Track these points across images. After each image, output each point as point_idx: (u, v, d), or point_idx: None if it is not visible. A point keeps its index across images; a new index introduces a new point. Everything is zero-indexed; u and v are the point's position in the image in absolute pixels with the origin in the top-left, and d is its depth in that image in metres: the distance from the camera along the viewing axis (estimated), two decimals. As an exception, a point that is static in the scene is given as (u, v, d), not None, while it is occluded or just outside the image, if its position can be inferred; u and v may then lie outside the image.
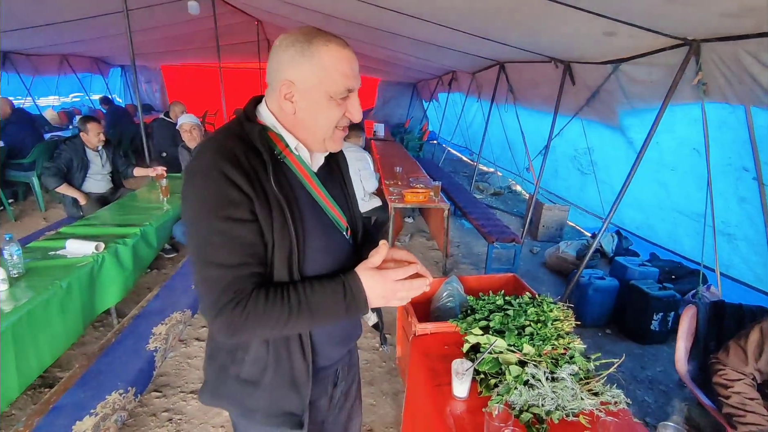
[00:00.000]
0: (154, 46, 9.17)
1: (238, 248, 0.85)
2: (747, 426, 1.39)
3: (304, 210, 0.95)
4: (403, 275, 0.90)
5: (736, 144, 2.80)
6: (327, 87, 0.90)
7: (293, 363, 0.98)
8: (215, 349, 1.04)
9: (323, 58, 0.88)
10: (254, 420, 1.03)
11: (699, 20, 2.34)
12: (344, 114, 0.95)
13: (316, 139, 0.97)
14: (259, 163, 0.88)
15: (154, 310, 2.54)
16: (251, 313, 0.84)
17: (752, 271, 3.10)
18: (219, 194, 0.83)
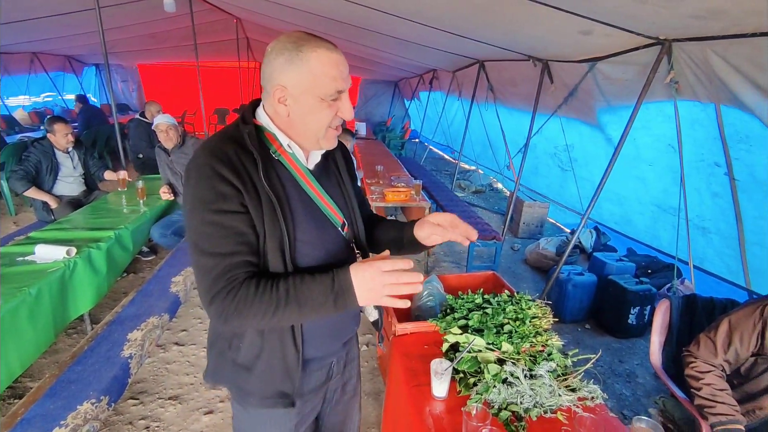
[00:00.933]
0: (129, 44, 8.95)
1: (229, 238, 0.91)
2: (717, 416, 1.42)
3: (295, 205, 1.01)
4: (391, 267, 0.89)
5: (707, 141, 2.87)
6: (317, 91, 0.95)
7: (285, 352, 1.03)
8: (215, 336, 1.11)
9: (312, 64, 0.93)
10: (249, 403, 1.10)
11: (670, 21, 2.38)
12: (336, 114, 0.99)
13: (311, 139, 1.02)
14: (250, 162, 0.94)
15: (130, 316, 2.47)
16: (241, 301, 0.89)
17: (725, 264, 3.19)
18: (210, 189, 0.90)
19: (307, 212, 1.03)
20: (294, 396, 1.07)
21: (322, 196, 1.07)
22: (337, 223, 1.10)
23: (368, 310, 1.36)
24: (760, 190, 2.60)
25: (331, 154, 1.17)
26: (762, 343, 1.44)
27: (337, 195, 1.13)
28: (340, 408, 1.32)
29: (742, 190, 2.74)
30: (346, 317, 1.19)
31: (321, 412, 1.30)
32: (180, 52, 9.97)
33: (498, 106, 6.12)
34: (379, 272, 0.88)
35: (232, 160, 0.92)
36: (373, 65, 9.48)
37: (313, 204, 1.06)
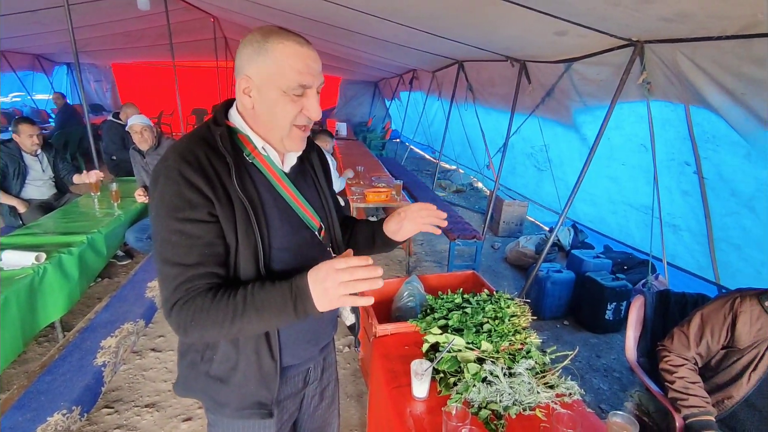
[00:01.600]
0: (102, 43, 8.71)
1: (194, 248, 0.88)
2: (689, 408, 1.46)
3: (270, 210, 0.98)
4: (345, 264, 0.83)
5: (677, 140, 2.95)
6: (280, 82, 0.91)
7: (261, 363, 1.00)
8: (186, 347, 1.06)
9: (276, 54, 0.90)
10: (224, 414, 1.06)
11: (641, 23, 2.44)
12: (301, 111, 0.95)
13: (275, 136, 0.98)
14: (222, 166, 0.91)
15: (103, 322, 2.40)
16: (197, 311, 0.86)
17: (695, 260, 3.28)
18: (178, 196, 0.86)
19: (283, 217, 1.00)
20: (271, 406, 1.04)
21: (298, 200, 1.05)
22: (314, 227, 1.08)
23: (345, 314, 1.35)
24: (727, 188, 2.69)
25: (307, 156, 1.15)
26: (731, 335, 1.48)
27: (314, 198, 1.11)
28: (318, 414, 1.31)
29: (710, 188, 2.83)
30: (324, 322, 1.16)
31: (299, 418, 1.28)
32: (156, 52, 9.76)
33: (477, 106, 6.18)
34: (333, 270, 0.83)
35: (202, 164, 0.89)
36: (352, 65, 9.46)
37: (289, 208, 1.03)
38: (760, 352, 1.41)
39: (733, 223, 2.75)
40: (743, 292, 1.52)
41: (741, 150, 2.50)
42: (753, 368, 1.42)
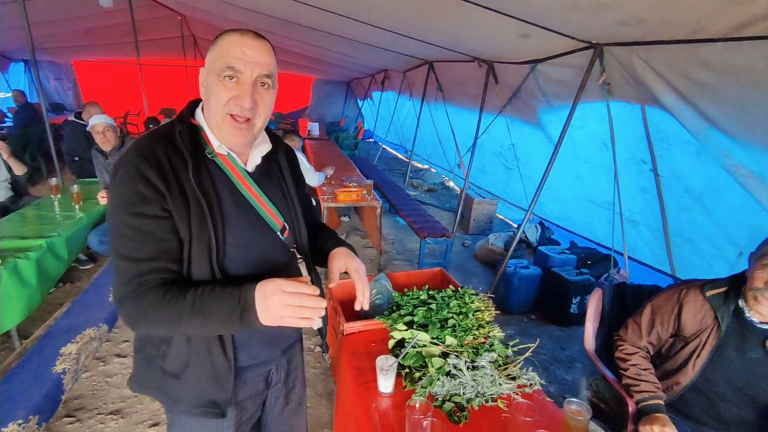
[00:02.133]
0: (63, 39, 8.38)
1: (146, 243, 0.89)
2: (641, 394, 1.54)
3: (228, 207, 0.98)
4: (294, 289, 0.84)
5: (635, 139, 3.08)
6: (214, 66, 0.94)
7: (214, 360, 1.00)
8: (142, 341, 1.06)
9: (221, 42, 0.95)
10: (178, 410, 1.06)
11: (600, 26, 2.53)
12: (232, 98, 0.94)
13: (214, 125, 0.99)
14: (180, 161, 0.93)
15: (64, 328, 2.33)
16: (147, 308, 0.88)
17: (653, 253, 3.43)
18: (132, 190, 0.88)
19: (241, 215, 1.01)
20: (225, 406, 1.03)
21: (260, 199, 1.05)
22: (276, 228, 1.08)
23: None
24: (680, 185, 2.82)
25: (274, 156, 1.15)
26: (678, 324, 1.57)
27: (278, 199, 1.11)
28: (284, 417, 1.31)
29: (665, 185, 2.97)
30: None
31: (263, 420, 1.28)
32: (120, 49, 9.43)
33: (447, 106, 6.26)
34: (280, 290, 0.84)
35: (159, 160, 0.90)
36: (325, 65, 9.43)
37: (251, 207, 1.03)
38: (702, 340, 1.50)
39: (686, 218, 2.89)
40: (688, 283, 1.61)
41: (692, 148, 2.63)
42: (697, 355, 1.50)
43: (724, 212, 2.58)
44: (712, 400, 1.50)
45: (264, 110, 0.99)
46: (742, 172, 2.23)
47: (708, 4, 1.78)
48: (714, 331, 1.48)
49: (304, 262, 1.21)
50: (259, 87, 0.97)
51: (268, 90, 0.98)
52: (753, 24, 1.75)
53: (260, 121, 1.00)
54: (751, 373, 1.44)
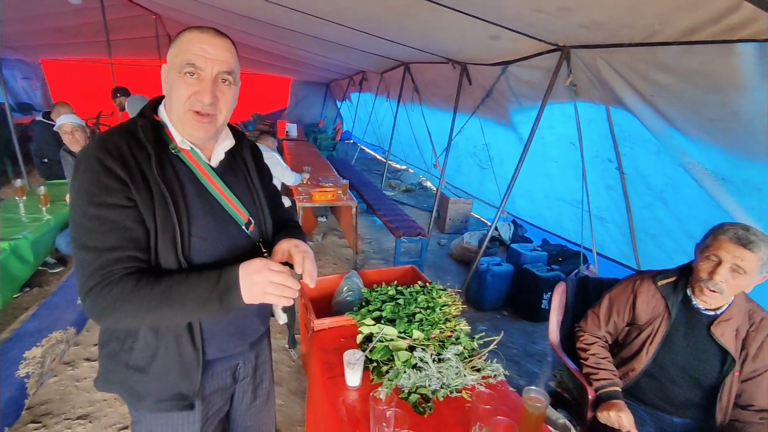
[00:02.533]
0: (31, 37, 8.12)
1: (111, 232, 0.89)
2: (599, 381, 1.60)
3: (192, 200, 1.00)
4: (278, 267, 0.91)
5: (601, 138, 3.18)
6: (176, 62, 0.96)
7: (182, 352, 1.00)
8: (107, 336, 1.05)
9: (182, 39, 0.97)
10: (144, 407, 1.05)
11: (564, 29, 2.61)
12: (193, 94, 0.96)
13: (176, 121, 1.00)
14: (143, 155, 0.94)
15: (29, 332, 2.27)
16: (117, 297, 0.87)
17: (620, 249, 3.55)
18: (94, 181, 0.88)
19: (206, 209, 1.02)
20: (192, 398, 1.04)
21: (224, 193, 1.07)
22: (241, 221, 1.10)
23: (278, 314, 1.36)
24: (643, 182, 2.93)
25: (239, 152, 1.17)
26: (633, 313, 1.64)
27: (243, 193, 1.13)
28: (253, 412, 1.32)
29: (629, 182, 3.08)
30: (249, 316, 1.17)
31: (232, 415, 1.29)
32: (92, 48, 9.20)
33: (423, 107, 6.33)
34: (266, 268, 0.89)
35: (122, 151, 0.91)
36: (302, 66, 9.39)
37: (215, 201, 1.05)
38: (654, 328, 1.57)
39: (649, 215, 3.00)
40: (642, 274, 1.69)
41: (653, 147, 2.74)
42: (650, 342, 1.57)
43: (683, 208, 2.70)
44: (663, 384, 1.58)
45: (225, 106, 1.01)
46: (698, 169, 2.33)
47: (660, 10, 1.86)
48: (665, 318, 1.56)
49: (269, 256, 1.22)
50: (220, 83, 0.99)
51: (229, 86, 1.00)
52: (701, 29, 1.84)
53: (222, 116, 1.02)
54: (697, 357, 1.52)
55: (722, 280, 1.38)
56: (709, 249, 1.42)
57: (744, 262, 1.34)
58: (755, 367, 1.47)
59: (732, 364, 1.47)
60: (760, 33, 1.71)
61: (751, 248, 1.32)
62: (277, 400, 2.48)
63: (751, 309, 1.49)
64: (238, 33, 6.56)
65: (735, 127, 2.06)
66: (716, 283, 1.39)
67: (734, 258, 1.35)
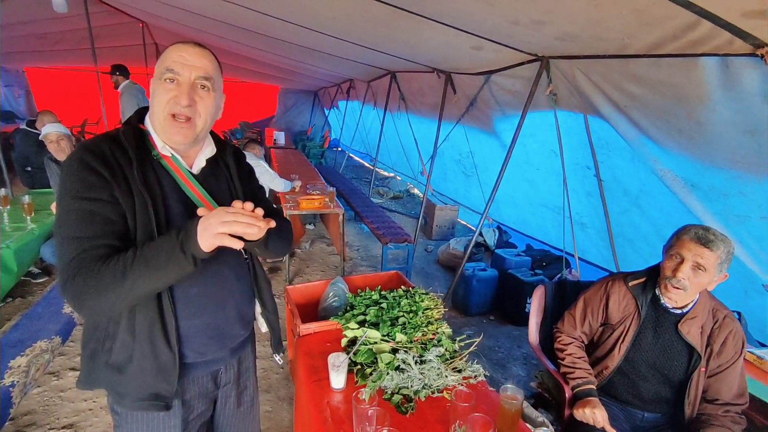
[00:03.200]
0: (13, 45, 8.05)
1: (92, 223, 0.92)
2: (575, 380, 1.67)
3: (173, 204, 1.04)
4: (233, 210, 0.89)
5: (580, 146, 3.29)
6: (157, 71, 1.03)
7: (158, 354, 1.02)
8: (88, 336, 1.08)
9: (165, 52, 1.04)
10: (125, 405, 1.08)
11: (542, 41, 2.71)
12: (172, 98, 1.01)
13: (157, 126, 1.04)
14: (125, 159, 0.98)
15: (12, 342, 2.26)
16: (88, 277, 0.88)
17: (600, 254, 3.65)
18: (78, 179, 0.92)
19: (186, 213, 1.05)
20: (170, 399, 1.06)
21: (204, 198, 1.10)
22: None
23: (260, 320, 1.39)
24: (620, 188, 3.04)
25: (222, 158, 1.20)
26: (606, 313, 1.71)
27: (224, 199, 1.15)
28: (237, 419, 1.34)
29: (607, 189, 3.18)
30: (230, 319, 1.18)
31: (216, 421, 1.31)
32: (77, 56, 9.14)
33: (410, 115, 6.42)
34: (221, 210, 0.89)
35: (104, 153, 0.96)
36: (291, 75, 9.45)
37: (195, 206, 1.07)
38: (626, 327, 1.64)
39: (626, 220, 3.10)
40: (614, 275, 1.76)
41: (627, 154, 2.84)
42: (622, 341, 1.65)
43: (657, 213, 2.80)
44: (634, 380, 1.65)
45: (204, 111, 1.05)
46: (669, 176, 2.43)
47: (627, 25, 1.96)
48: (635, 317, 1.63)
49: (250, 261, 1.26)
50: (198, 89, 1.04)
51: (207, 92, 1.05)
52: (666, 44, 1.95)
53: (201, 121, 1.06)
54: (665, 354, 1.59)
55: (684, 277, 1.46)
56: (673, 248, 1.51)
57: (704, 260, 1.42)
58: (719, 362, 1.55)
59: (698, 360, 1.55)
60: (720, 48, 1.82)
61: (710, 247, 1.41)
62: (265, 406, 2.51)
63: (715, 307, 1.58)
64: (226, 41, 6.60)
65: (700, 137, 2.16)
66: (679, 279, 1.47)
67: (695, 256, 1.44)
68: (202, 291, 1.09)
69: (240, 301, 1.20)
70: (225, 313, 1.15)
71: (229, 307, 1.16)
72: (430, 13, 2.76)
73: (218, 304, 1.12)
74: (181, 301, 1.06)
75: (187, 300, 1.07)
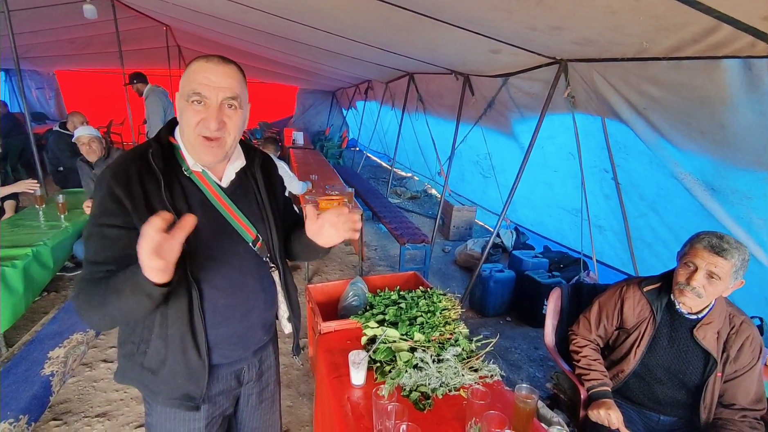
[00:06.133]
0: (46, 49, 8.38)
1: (105, 249, 0.99)
2: (591, 382, 1.70)
3: (200, 222, 1.00)
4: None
5: (597, 149, 3.28)
6: (183, 91, 1.04)
7: (188, 360, 1.09)
8: (124, 338, 1.15)
9: (190, 69, 1.04)
10: (157, 401, 1.15)
11: (559, 44, 2.73)
12: (201, 121, 1.03)
13: (188, 145, 1.08)
14: (153, 181, 1.02)
15: (51, 334, 2.40)
16: (86, 296, 0.95)
17: (618, 256, 3.63)
18: (101, 205, 0.99)
19: (213, 228, 1.10)
20: (199, 400, 1.13)
21: (233, 212, 1.14)
22: (249, 239, 1.17)
23: (283, 323, 1.45)
24: (636, 192, 3.02)
25: (250, 170, 1.22)
26: (621, 318, 1.74)
27: (252, 212, 1.19)
28: (258, 414, 1.40)
29: (624, 192, 3.17)
30: (254, 326, 1.23)
31: (238, 416, 1.38)
32: (104, 59, 9.45)
33: (428, 116, 6.46)
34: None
35: (130, 179, 1.00)
36: (309, 75, 9.57)
37: (223, 220, 1.12)
38: (641, 331, 1.66)
39: (644, 224, 3.09)
40: (630, 280, 1.78)
41: (645, 158, 2.83)
42: (637, 345, 1.67)
43: (674, 218, 2.78)
44: (650, 384, 1.67)
45: (233, 129, 1.07)
46: (689, 179, 2.42)
47: (645, 30, 1.97)
48: (650, 322, 1.65)
49: (276, 271, 1.28)
50: (226, 108, 1.04)
51: (235, 110, 1.06)
52: (686, 47, 1.95)
53: (230, 138, 1.08)
54: (681, 359, 1.61)
55: (698, 285, 1.47)
56: (686, 256, 1.52)
57: (718, 269, 1.44)
58: (736, 368, 1.56)
59: (714, 365, 1.56)
60: (741, 50, 1.81)
61: (724, 255, 1.42)
62: (286, 401, 2.59)
63: (732, 313, 1.59)
64: (247, 44, 6.74)
65: (723, 139, 2.15)
66: (693, 287, 1.48)
67: (708, 265, 1.45)
68: (230, 302, 1.14)
69: (264, 309, 1.25)
70: (249, 322, 1.20)
71: (253, 316, 1.21)
72: (449, 19, 2.80)
73: (243, 314, 1.18)
74: (209, 312, 1.11)
75: (215, 310, 1.12)
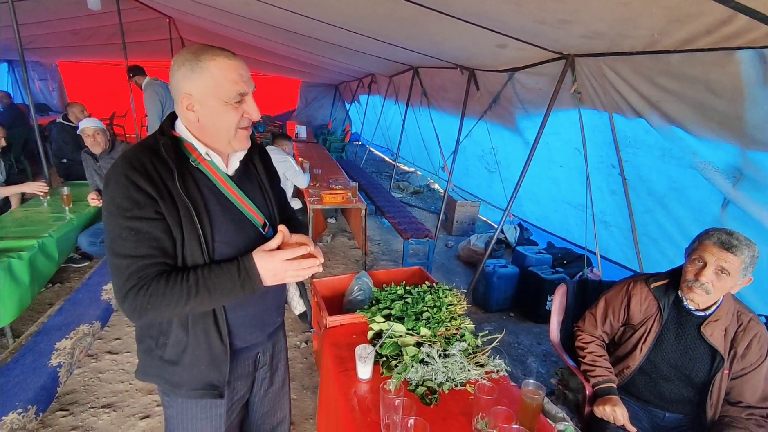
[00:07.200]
0: (49, 40, 8.35)
1: (143, 242, 0.99)
2: (596, 378, 1.70)
3: (213, 208, 1.09)
4: (290, 255, 1.04)
5: (604, 145, 3.26)
6: (220, 95, 1.03)
7: (211, 344, 1.11)
8: (141, 333, 1.17)
9: (212, 70, 1.02)
10: (179, 394, 1.16)
11: (567, 39, 2.70)
12: (243, 115, 1.08)
13: (222, 141, 1.10)
14: (166, 171, 1.02)
15: (57, 325, 2.41)
16: (153, 295, 0.98)
17: (624, 253, 3.62)
18: (126, 197, 0.97)
19: (226, 215, 1.12)
20: (222, 387, 1.15)
21: (242, 199, 1.16)
22: (258, 224, 1.19)
23: (293, 304, 1.47)
24: (644, 188, 3.01)
25: (250, 158, 1.25)
26: (627, 314, 1.73)
27: (258, 198, 1.22)
28: (269, 398, 1.43)
29: (631, 188, 3.15)
30: (269, 309, 1.28)
31: (250, 400, 1.40)
32: (107, 51, 9.43)
33: (432, 110, 6.42)
34: (281, 262, 1.04)
35: (148, 169, 1.00)
36: (312, 69, 9.53)
37: (234, 207, 1.14)
38: (647, 328, 1.66)
39: (651, 219, 3.07)
40: (636, 276, 1.78)
41: (658, 152, 2.81)
42: (643, 341, 1.66)
43: (683, 213, 2.77)
44: (656, 380, 1.67)
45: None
46: (709, 169, 2.39)
47: (656, 22, 1.95)
48: (657, 318, 1.65)
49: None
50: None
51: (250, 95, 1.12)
52: (699, 39, 1.93)
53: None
54: (687, 356, 1.61)
55: (707, 281, 1.47)
56: (695, 252, 1.52)
57: (727, 264, 1.43)
58: (743, 365, 1.55)
59: (721, 362, 1.56)
60: (756, 41, 1.79)
61: (734, 251, 1.42)
62: (291, 394, 2.60)
63: (739, 310, 1.58)
64: (250, 36, 6.70)
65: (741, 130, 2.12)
66: (702, 283, 1.48)
67: (718, 260, 1.44)
68: None
69: (277, 291, 1.31)
70: (265, 304, 1.25)
71: (269, 298, 1.26)
72: (456, 12, 2.78)
73: (260, 296, 1.18)
74: None
75: None
